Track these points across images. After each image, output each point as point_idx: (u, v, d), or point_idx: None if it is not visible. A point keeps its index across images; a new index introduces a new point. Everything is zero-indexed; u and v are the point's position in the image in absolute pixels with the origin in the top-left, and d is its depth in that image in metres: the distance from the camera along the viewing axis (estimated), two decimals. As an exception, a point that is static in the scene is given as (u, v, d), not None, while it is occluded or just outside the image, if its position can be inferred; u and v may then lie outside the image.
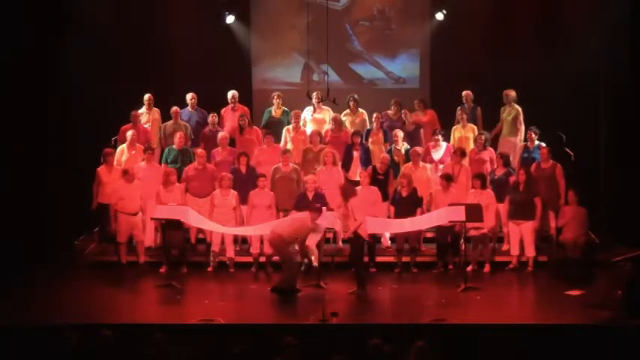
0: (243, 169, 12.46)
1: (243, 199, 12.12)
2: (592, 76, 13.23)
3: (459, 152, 12.48)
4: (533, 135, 12.82)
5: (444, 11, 14.91)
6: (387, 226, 11.95)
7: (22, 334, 9.43)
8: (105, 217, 12.42)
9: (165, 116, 13.79)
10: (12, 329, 9.58)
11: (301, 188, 12.04)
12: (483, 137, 12.83)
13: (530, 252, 11.86)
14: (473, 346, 9.09)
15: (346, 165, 12.78)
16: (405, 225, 11.55)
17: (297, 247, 11.06)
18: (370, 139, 13.19)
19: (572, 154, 13.28)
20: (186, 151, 12.97)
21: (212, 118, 13.51)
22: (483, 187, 11.89)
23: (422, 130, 13.54)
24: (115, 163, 12.70)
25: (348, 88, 14.65)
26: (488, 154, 12.80)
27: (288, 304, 10.52)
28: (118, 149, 12.99)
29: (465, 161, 12.74)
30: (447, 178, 11.91)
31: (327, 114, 13.67)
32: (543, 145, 12.79)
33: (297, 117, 13.36)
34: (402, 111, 13.60)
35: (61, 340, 8.24)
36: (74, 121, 13.16)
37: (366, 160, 12.70)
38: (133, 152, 12.83)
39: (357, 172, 12.46)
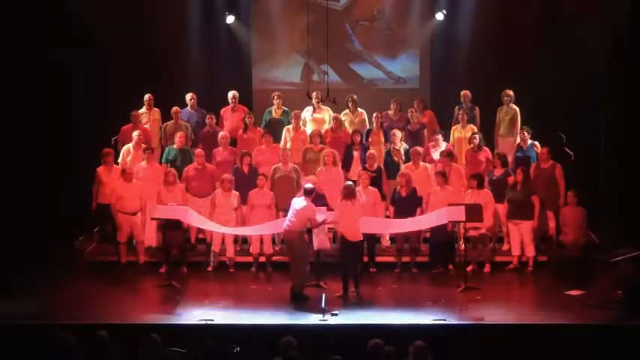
0: (245, 169, 12.46)
1: (245, 200, 12.11)
2: (592, 76, 13.22)
3: (447, 154, 12.47)
4: (526, 134, 12.86)
5: (444, 11, 14.93)
6: (386, 226, 11.95)
7: (22, 334, 9.44)
8: (105, 217, 12.43)
9: (165, 116, 13.80)
10: (12, 329, 9.59)
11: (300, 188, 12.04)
12: (478, 138, 12.85)
13: (529, 252, 11.86)
14: (473, 346, 9.10)
15: (346, 165, 12.78)
16: (405, 225, 11.55)
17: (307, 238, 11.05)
18: (370, 139, 13.19)
19: (572, 154, 13.29)
20: (186, 151, 12.97)
21: (210, 119, 13.52)
22: (480, 187, 11.89)
23: (425, 130, 13.55)
24: (120, 162, 12.73)
25: (348, 88, 14.68)
26: (484, 154, 12.81)
27: (288, 304, 10.52)
28: (124, 149, 13.00)
29: (460, 161, 12.76)
30: (442, 175, 11.90)
31: (327, 114, 13.68)
32: (537, 143, 12.82)
33: (297, 117, 13.36)
34: (409, 110, 13.63)
35: (61, 340, 8.24)
36: (74, 121, 13.15)
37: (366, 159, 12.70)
38: (139, 152, 12.83)
39: (357, 172, 12.43)
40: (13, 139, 12.22)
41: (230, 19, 15.14)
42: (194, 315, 9.95)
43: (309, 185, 11.08)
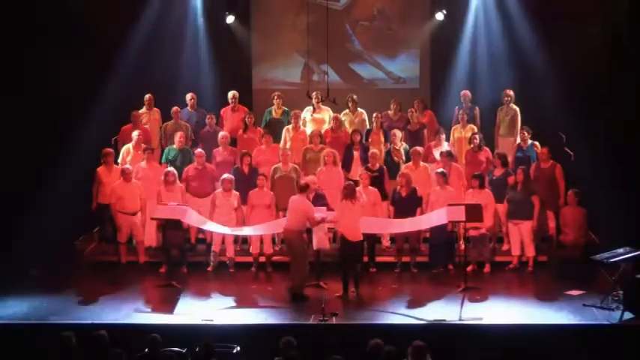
0: (245, 169, 12.46)
1: (245, 200, 12.11)
2: (592, 75, 13.22)
3: (446, 154, 12.46)
4: (526, 134, 12.86)
5: (444, 11, 14.93)
6: (386, 226, 11.94)
7: (22, 334, 9.44)
8: (105, 217, 12.43)
9: (166, 116, 13.79)
10: (12, 329, 9.59)
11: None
12: (478, 138, 12.85)
13: (529, 252, 11.86)
14: (473, 346, 9.10)
15: (347, 165, 12.78)
16: (405, 225, 11.55)
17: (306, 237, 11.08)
18: (370, 139, 13.19)
19: (572, 154, 13.29)
20: (186, 150, 12.98)
21: (210, 119, 13.52)
22: (481, 187, 11.89)
23: (425, 130, 13.55)
24: (120, 162, 12.73)
25: (348, 88, 14.67)
26: (484, 154, 12.81)
27: (288, 304, 10.53)
28: (124, 149, 13.00)
29: (460, 161, 12.76)
30: (442, 175, 11.89)
31: (326, 114, 13.67)
32: (537, 143, 12.82)
33: (297, 117, 13.36)
34: (409, 110, 13.64)
35: (61, 340, 8.25)
36: (74, 121, 13.15)
37: (366, 159, 12.68)
38: (139, 152, 12.81)
39: (357, 172, 12.43)
40: (13, 138, 12.23)
41: (230, 19, 15.13)
42: (194, 315, 9.97)
43: (303, 182, 11.09)
